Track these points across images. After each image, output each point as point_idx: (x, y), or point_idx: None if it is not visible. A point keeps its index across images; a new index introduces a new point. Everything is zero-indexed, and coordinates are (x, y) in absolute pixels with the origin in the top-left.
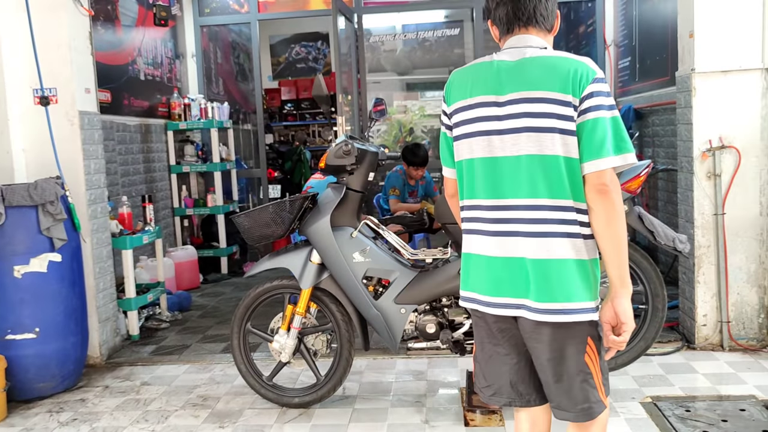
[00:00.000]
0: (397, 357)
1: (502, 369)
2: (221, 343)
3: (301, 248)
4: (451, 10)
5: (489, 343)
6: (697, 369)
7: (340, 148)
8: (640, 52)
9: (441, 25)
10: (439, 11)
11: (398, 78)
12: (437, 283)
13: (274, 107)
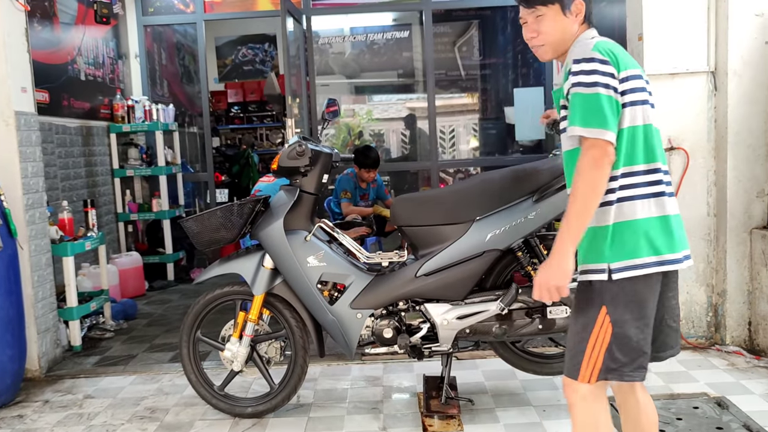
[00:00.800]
0: (352, 363)
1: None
2: (169, 352)
3: (252, 253)
4: (400, 13)
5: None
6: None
7: (294, 149)
8: None
9: (389, 27)
10: (387, 14)
11: (347, 81)
12: (394, 286)
13: (221, 110)
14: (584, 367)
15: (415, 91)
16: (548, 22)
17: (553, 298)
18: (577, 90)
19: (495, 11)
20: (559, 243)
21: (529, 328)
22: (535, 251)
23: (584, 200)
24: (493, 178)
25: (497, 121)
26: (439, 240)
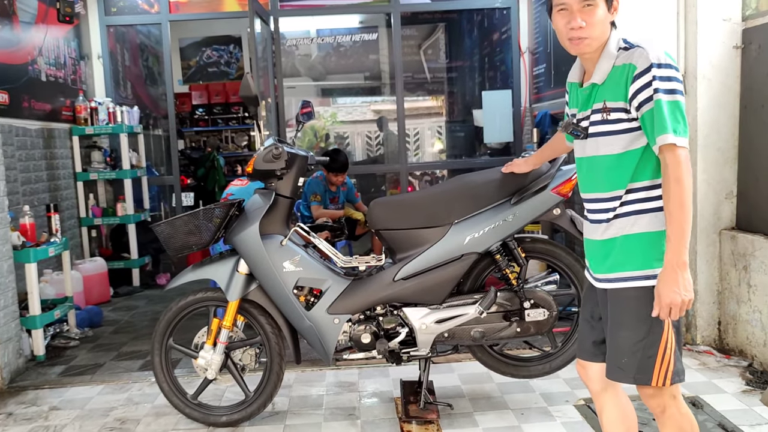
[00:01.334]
0: (327, 368)
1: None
2: (138, 360)
3: (227, 258)
4: (367, 15)
5: None
6: None
7: (270, 152)
8: (555, 59)
9: (356, 30)
10: (354, 16)
11: (313, 83)
12: (372, 291)
13: (185, 112)
14: (657, 371)
15: (382, 94)
16: (598, 14)
17: (681, 314)
18: (659, 97)
19: (461, 14)
20: (677, 255)
21: (507, 332)
22: (513, 254)
23: (689, 207)
24: (471, 181)
25: (465, 123)
26: (417, 243)
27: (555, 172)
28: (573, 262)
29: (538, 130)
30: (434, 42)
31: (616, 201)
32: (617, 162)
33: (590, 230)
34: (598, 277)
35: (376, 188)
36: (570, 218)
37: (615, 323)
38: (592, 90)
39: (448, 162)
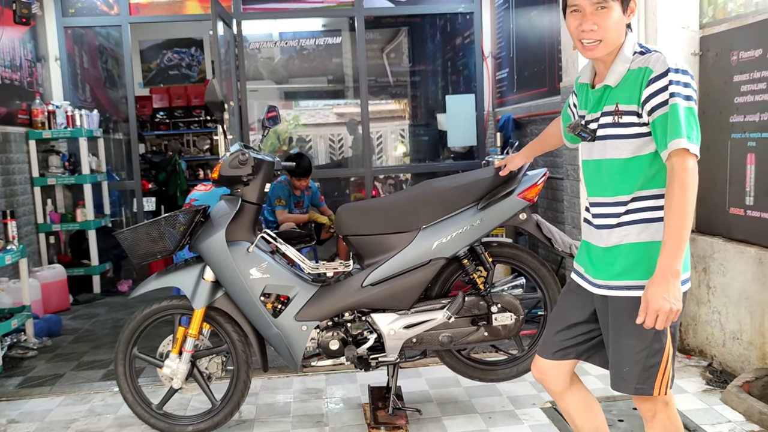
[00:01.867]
0: (294, 375)
1: None
2: (100, 370)
3: (192, 266)
4: (330, 18)
5: None
6: (589, 371)
7: (236, 158)
8: (518, 64)
9: (319, 33)
10: (317, 20)
11: (276, 86)
12: (340, 297)
13: (145, 115)
14: (659, 380)
15: (345, 97)
16: (612, 17)
17: (667, 324)
18: (675, 101)
19: (424, 19)
20: (671, 262)
21: (475, 336)
22: (480, 258)
23: (689, 215)
24: (439, 186)
25: (428, 127)
26: (385, 249)
27: (521, 177)
28: (539, 266)
29: (502, 134)
30: (397, 46)
31: (620, 207)
32: (624, 167)
33: (592, 235)
34: (599, 283)
35: (340, 192)
36: (536, 223)
37: (617, 332)
38: (604, 92)
39: (413, 166)
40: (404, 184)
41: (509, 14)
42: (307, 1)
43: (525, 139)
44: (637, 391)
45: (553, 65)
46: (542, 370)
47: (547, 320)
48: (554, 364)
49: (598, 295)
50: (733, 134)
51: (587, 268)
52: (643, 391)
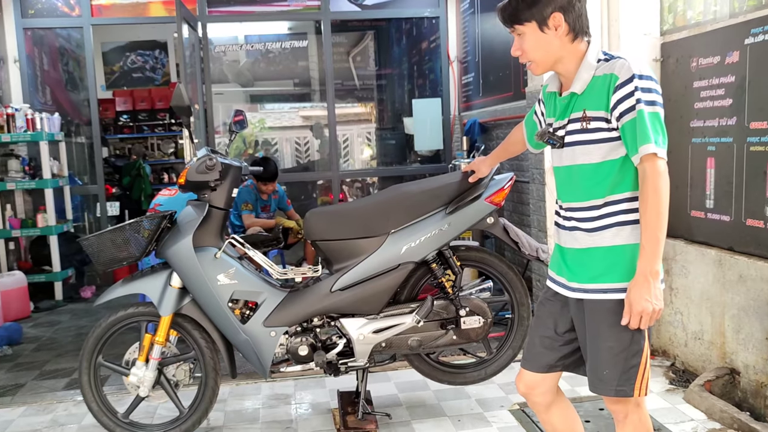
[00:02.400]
0: (262, 381)
1: None
2: (63, 379)
3: (159, 272)
4: (296, 22)
5: None
6: None
7: (203, 163)
8: (484, 69)
9: (285, 36)
10: (283, 23)
11: (241, 89)
12: (309, 302)
13: (108, 119)
14: (638, 382)
15: (312, 100)
16: (529, 40)
17: (650, 323)
18: (641, 107)
19: (390, 23)
20: (650, 264)
21: (444, 339)
22: (448, 262)
23: (664, 217)
24: (408, 191)
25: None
26: (354, 254)
27: (488, 181)
28: (506, 270)
29: (468, 138)
30: (363, 49)
31: (594, 210)
32: (595, 171)
33: (565, 238)
34: (573, 287)
35: (307, 195)
36: (503, 226)
37: (595, 335)
38: (570, 99)
39: (380, 169)
40: (371, 188)
41: (474, 19)
42: (273, 5)
43: (491, 143)
44: (617, 393)
45: (518, 70)
46: (530, 384)
47: (514, 323)
48: (542, 378)
49: (574, 299)
50: (693, 139)
51: (562, 272)
52: (624, 393)
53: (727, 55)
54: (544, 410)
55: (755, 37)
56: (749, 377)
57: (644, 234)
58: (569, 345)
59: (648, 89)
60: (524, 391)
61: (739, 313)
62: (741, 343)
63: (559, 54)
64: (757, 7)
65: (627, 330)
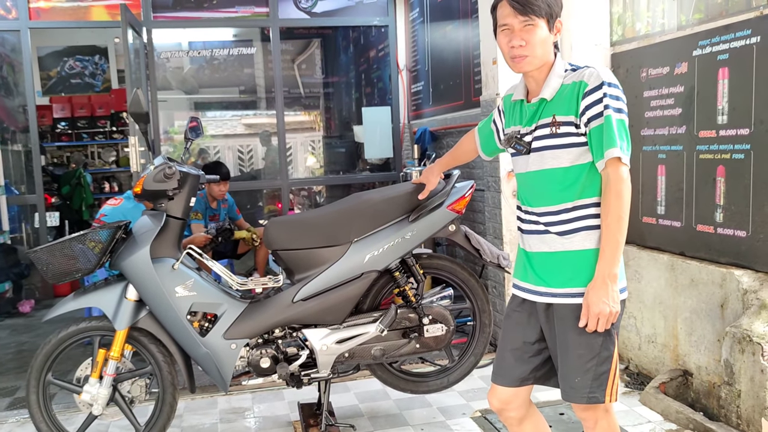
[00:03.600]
0: (218, 395)
1: None
2: (5, 399)
3: (113, 284)
4: (241, 29)
5: None
6: None
7: (161, 171)
8: (434, 77)
9: (230, 43)
10: (228, 30)
11: (186, 97)
12: (270, 313)
13: (45, 126)
14: (609, 387)
15: (257, 108)
16: (538, 34)
17: (607, 326)
18: (609, 113)
19: (337, 31)
20: (609, 267)
21: (407, 348)
22: (411, 270)
23: (625, 222)
24: (370, 199)
25: (342, 139)
26: (316, 263)
27: (450, 189)
28: (468, 277)
29: (419, 146)
30: (309, 57)
31: (564, 213)
32: (564, 176)
33: (533, 243)
34: (541, 291)
35: (253, 205)
36: (464, 234)
37: (565, 342)
38: (539, 105)
39: (330, 177)
40: (318, 197)
41: (424, 28)
42: (220, 11)
43: (441, 151)
44: (589, 400)
45: (469, 79)
46: (504, 399)
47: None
48: (515, 392)
49: (542, 304)
50: (644, 147)
51: (528, 277)
52: (596, 400)
53: (676, 66)
54: (516, 424)
55: (703, 49)
56: (702, 378)
57: (604, 237)
58: (539, 355)
59: (616, 97)
60: (499, 407)
61: (692, 316)
62: (693, 345)
63: (550, 58)
64: (703, 20)
65: (596, 336)
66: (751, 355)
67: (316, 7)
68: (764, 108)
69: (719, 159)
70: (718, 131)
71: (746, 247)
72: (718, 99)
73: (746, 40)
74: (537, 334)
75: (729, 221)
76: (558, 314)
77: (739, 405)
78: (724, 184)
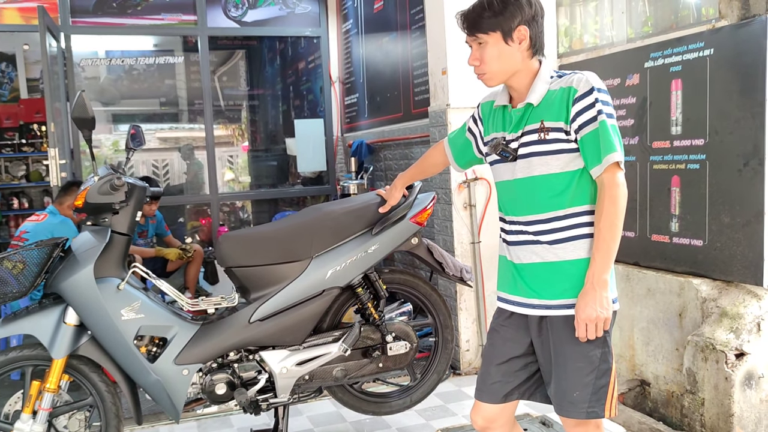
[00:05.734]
0: (159, 424)
1: None
2: None
3: (49, 308)
4: (162, 38)
5: None
6: (470, 394)
7: (108, 183)
8: (370, 90)
9: (150, 53)
10: (148, 39)
11: (102, 108)
12: (225, 336)
13: None
14: (608, 401)
15: (180, 120)
16: (491, 50)
17: (599, 334)
18: (603, 118)
19: (262, 41)
20: (600, 273)
21: (370, 368)
22: (374, 286)
23: (618, 228)
24: (331, 211)
25: (269, 152)
26: (274, 280)
27: (413, 200)
28: (430, 291)
29: (356, 159)
30: (232, 68)
31: (554, 222)
32: (554, 182)
33: (521, 254)
34: (534, 303)
35: (172, 221)
36: (427, 247)
37: (562, 356)
38: (525, 111)
39: (263, 192)
40: (240, 212)
41: (359, 39)
42: (145, 18)
43: (379, 164)
44: (588, 415)
45: (409, 91)
46: (490, 417)
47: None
48: (501, 409)
49: (535, 317)
50: None
51: (517, 290)
52: (595, 414)
53: (628, 78)
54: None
55: (655, 60)
56: (659, 387)
57: (596, 243)
58: (526, 369)
59: (607, 102)
60: (483, 425)
61: (648, 326)
62: (651, 354)
63: (517, 68)
64: (652, 33)
65: (595, 349)
66: (714, 363)
67: (246, 16)
68: (719, 119)
69: (674, 169)
70: (672, 141)
71: (703, 256)
72: (672, 110)
73: (699, 52)
74: (525, 348)
75: (685, 230)
76: (553, 327)
77: (703, 413)
78: (679, 194)
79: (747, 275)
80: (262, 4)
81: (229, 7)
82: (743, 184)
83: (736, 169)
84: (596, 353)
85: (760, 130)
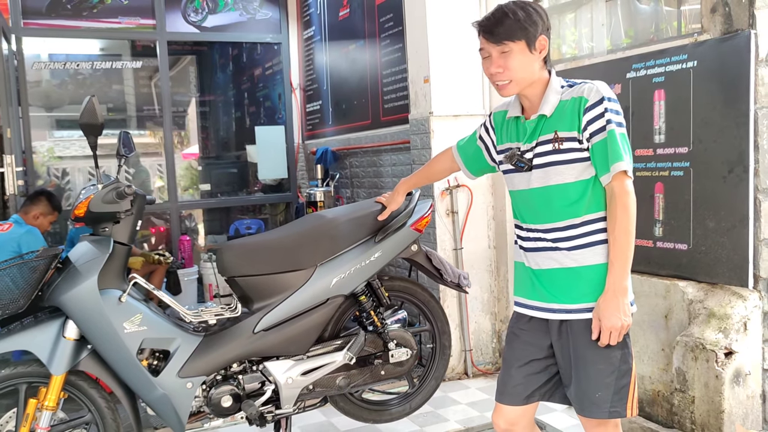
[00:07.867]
0: None
1: None
2: None
3: (47, 322)
4: (108, 42)
5: None
6: (458, 399)
7: (115, 191)
8: (334, 97)
9: (96, 57)
10: (93, 43)
11: (46, 114)
12: (229, 347)
13: None
14: (630, 401)
15: (128, 127)
16: (516, 58)
17: (620, 339)
18: (612, 128)
19: (212, 47)
20: (619, 280)
21: (372, 375)
22: (377, 294)
23: (632, 234)
24: (334, 219)
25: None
26: (278, 290)
27: (413, 208)
28: (429, 298)
29: (321, 166)
30: (180, 73)
31: (572, 229)
32: (569, 191)
33: (540, 260)
34: (554, 308)
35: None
36: (425, 254)
37: (583, 358)
38: (539, 122)
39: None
40: (187, 220)
41: (323, 47)
42: (101, 21)
43: (345, 171)
44: (611, 415)
45: (377, 98)
46: (512, 419)
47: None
48: (523, 411)
49: (556, 321)
50: None
51: (536, 294)
52: (617, 414)
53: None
54: None
55: (637, 71)
56: (645, 387)
57: (612, 251)
58: (546, 372)
59: (617, 111)
60: (506, 428)
61: (634, 328)
62: (636, 355)
63: (535, 77)
64: (632, 45)
65: (615, 350)
66: (704, 362)
67: (206, 21)
68: (703, 128)
69: (657, 176)
70: (656, 149)
71: (688, 260)
72: (655, 119)
73: (683, 64)
74: (544, 350)
75: (669, 235)
76: (573, 330)
77: (693, 411)
78: (663, 200)
79: (732, 277)
80: (223, 9)
81: (189, 11)
82: (728, 190)
83: (721, 176)
84: (617, 355)
85: (745, 139)
